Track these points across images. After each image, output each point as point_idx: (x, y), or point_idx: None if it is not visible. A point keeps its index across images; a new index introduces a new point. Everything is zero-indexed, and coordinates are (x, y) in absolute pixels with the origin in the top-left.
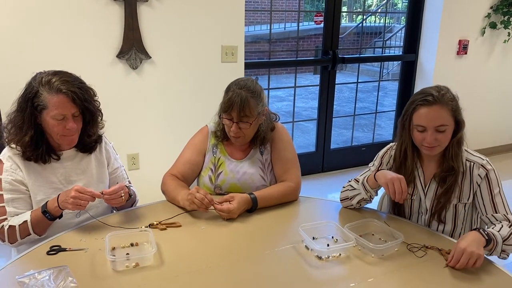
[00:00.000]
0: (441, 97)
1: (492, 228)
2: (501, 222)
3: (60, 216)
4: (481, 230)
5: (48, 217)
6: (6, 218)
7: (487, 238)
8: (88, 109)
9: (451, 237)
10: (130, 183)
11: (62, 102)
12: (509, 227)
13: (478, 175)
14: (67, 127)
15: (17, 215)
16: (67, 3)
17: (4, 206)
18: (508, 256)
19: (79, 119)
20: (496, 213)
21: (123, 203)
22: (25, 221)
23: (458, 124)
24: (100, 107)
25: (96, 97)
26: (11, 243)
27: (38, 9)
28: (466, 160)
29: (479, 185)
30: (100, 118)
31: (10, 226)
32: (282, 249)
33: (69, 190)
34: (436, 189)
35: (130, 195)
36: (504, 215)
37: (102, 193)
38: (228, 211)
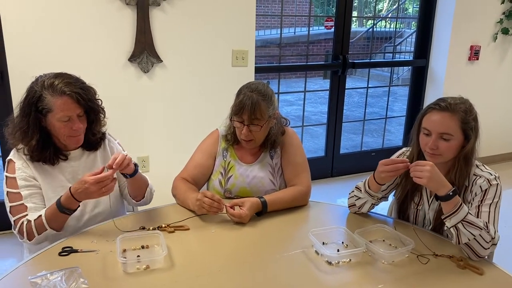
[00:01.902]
0: (454, 106)
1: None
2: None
3: (75, 210)
4: (456, 189)
5: (66, 212)
6: (26, 215)
7: (453, 191)
8: (92, 109)
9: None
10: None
11: (67, 103)
12: (482, 225)
13: (480, 186)
14: (73, 128)
15: (37, 210)
16: (80, 7)
17: (23, 203)
18: (454, 238)
19: (84, 118)
20: (478, 217)
21: (131, 167)
22: (40, 216)
23: (467, 139)
24: (102, 105)
25: (97, 95)
26: (29, 240)
27: (52, 13)
28: (474, 174)
29: (476, 195)
30: (103, 116)
31: (28, 221)
32: (292, 253)
33: (80, 182)
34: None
35: (136, 168)
36: (485, 222)
37: (109, 167)
38: (239, 217)
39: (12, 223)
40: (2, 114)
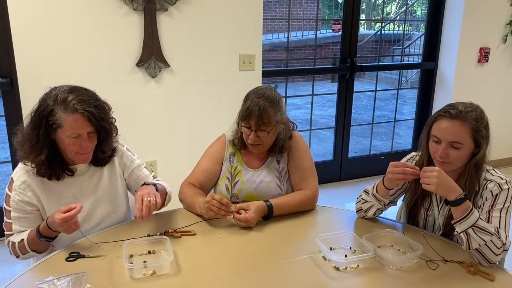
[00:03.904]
0: (464, 114)
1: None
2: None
3: (54, 238)
4: (466, 194)
5: (45, 240)
6: (12, 234)
7: (463, 195)
8: (104, 127)
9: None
10: (155, 177)
11: (78, 121)
12: (493, 230)
13: (491, 191)
14: (82, 145)
15: (22, 232)
16: (88, 13)
17: (11, 223)
18: (464, 243)
19: (94, 136)
20: (488, 222)
21: (161, 205)
22: (22, 240)
23: (478, 147)
24: (116, 122)
25: (111, 112)
26: (16, 257)
27: (60, 19)
28: (484, 179)
29: (487, 200)
30: (115, 134)
31: (12, 242)
32: (299, 259)
33: (52, 217)
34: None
35: (157, 189)
36: (496, 228)
37: (135, 217)
38: (246, 221)
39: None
40: (13, 121)
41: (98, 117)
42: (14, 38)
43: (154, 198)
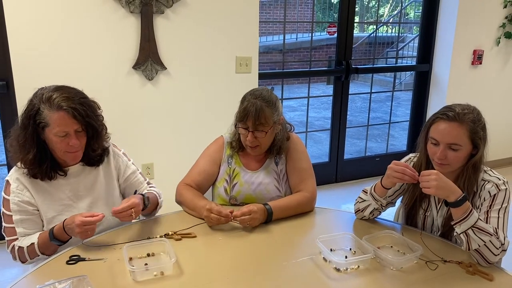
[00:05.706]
0: (462, 116)
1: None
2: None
3: (66, 241)
4: (466, 195)
5: (57, 243)
6: (17, 238)
7: (463, 196)
8: (91, 124)
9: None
10: (149, 184)
11: (63, 119)
12: (492, 231)
13: (488, 191)
14: (70, 143)
15: (27, 235)
16: (85, 16)
17: (14, 227)
18: (463, 244)
19: (82, 134)
20: (487, 223)
21: (133, 218)
22: (32, 243)
23: (476, 148)
24: (104, 120)
25: (100, 111)
26: (22, 262)
27: (56, 22)
28: (482, 179)
29: (485, 200)
30: (104, 131)
31: (19, 247)
32: (299, 260)
33: (72, 218)
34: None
35: (146, 205)
36: (495, 228)
37: (112, 212)
38: (250, 212)
39: (6, 241)
40: (8, 124)
41: (83, 114)
42: (10, 40)
43: (133, 214)
